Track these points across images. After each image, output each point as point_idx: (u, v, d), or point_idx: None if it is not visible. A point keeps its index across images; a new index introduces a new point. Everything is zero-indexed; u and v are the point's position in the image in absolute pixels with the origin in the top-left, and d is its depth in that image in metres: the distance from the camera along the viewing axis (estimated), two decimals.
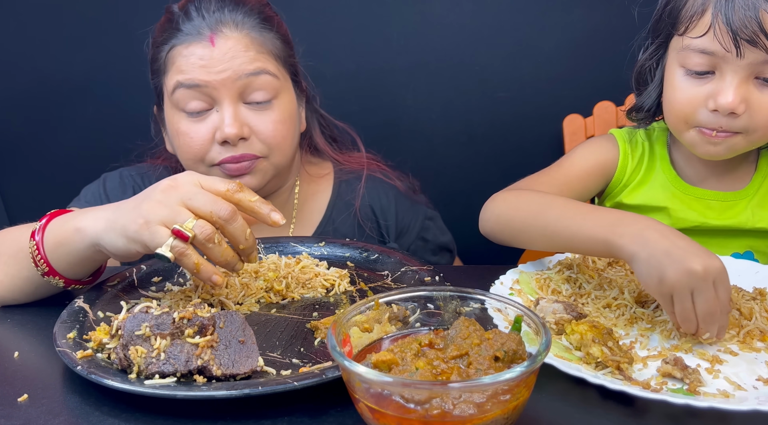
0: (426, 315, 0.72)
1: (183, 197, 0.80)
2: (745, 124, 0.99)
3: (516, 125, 1.72)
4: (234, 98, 1.09)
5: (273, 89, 1.12)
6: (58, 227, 0.88)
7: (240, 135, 1.08)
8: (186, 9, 1.12)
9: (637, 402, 0.69)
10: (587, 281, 0.94)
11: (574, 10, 1.64)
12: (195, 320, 0.71)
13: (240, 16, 1.11)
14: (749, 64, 0.95)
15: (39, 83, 1.71)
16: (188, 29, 1.10)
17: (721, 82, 0.97)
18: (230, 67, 1.08)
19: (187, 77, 1.08)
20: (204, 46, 1.08)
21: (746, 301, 0.87)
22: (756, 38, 0.92)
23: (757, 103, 0.97)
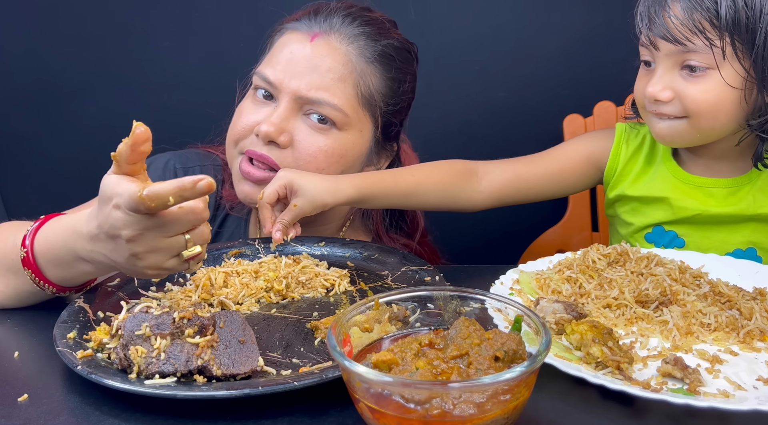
0: (426, 315, 0.72)
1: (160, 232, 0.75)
2: (675, 109, 1.05)
3: (516, 125, 1.72)
4: (292, 105, 1.07)
5: (336, 119, 1.07)
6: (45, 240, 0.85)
7: (272, 138, 1.05)
8: (318, 7, 1.12)
9: (637, 402, 0.69)
10: (587, 281, 0.94)
11: (574, 10, 1.64)
12: (195, 320, 0.71)
13: (356, 34, 1.09)
14: (667, 55, 1.03)
15: (39, 83, 1.71)
16: (304, 23, 1.11)
17: (652, 72, 1.07)
18: (300, 79, 1.06)
19: (266, 72, 1.08)
20: (303, 40, 1.08)
21: (746, 301, 0.87)
22: (661, 32, 1.02)
23: (682, 92, 1.04)
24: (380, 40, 1.11)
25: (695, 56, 1.01)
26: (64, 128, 1.75)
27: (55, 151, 1.77)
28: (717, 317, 0.84)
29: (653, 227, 1.17)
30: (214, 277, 0.93)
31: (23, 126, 1.76)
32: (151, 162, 1.22)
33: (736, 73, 1.01)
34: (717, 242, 1.12)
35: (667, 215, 1.15)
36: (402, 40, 1.16)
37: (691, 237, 1.14)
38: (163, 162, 1.22)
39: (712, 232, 1.14)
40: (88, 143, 1.75)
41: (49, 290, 0.88)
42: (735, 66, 1.00)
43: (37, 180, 1.80)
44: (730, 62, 1.00)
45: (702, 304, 0.87)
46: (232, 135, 1.12)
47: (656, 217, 1.16)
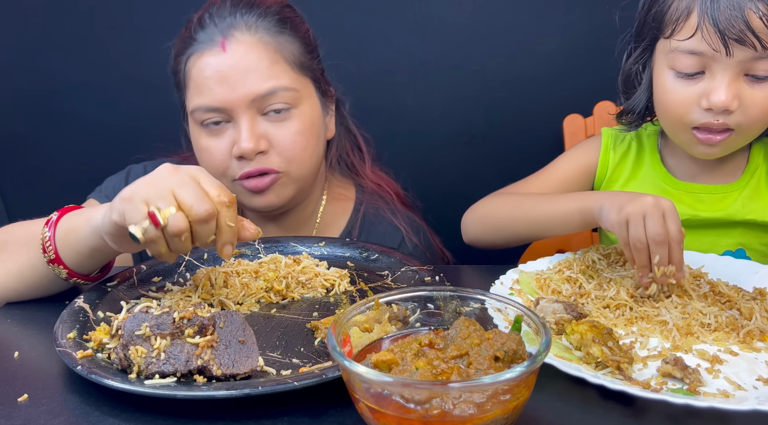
0: (426, 315, 0.72)
1: (173, 184, 0.79)
2: (739, 120, 1.00)
3: (516, 125, 1.72)
4: (250, 113, 1.08)
5: (291, 100, 1.10)
6: (71, 217, 0.90)
7: (256, 150, 1.08)
8: (201, 17, 1.12)
9: (637, 402, 0.69)
10: (587, 281, 0.94)
11: (574, 11, 1.64)
12: (195, 320, 0.71)
13: (253, 19, 1.10)
14: (738, 62, 0.96)
15: (39, 83, 1.71)
16: (202, 37, 1.09)
17: (713, 80, 0.99)
18: (244, 86, 1.06)
19: (204, 102, 1.08)
20: (215, 53, 1.07)
21: (746, 301, 0.88)
22: (743, 37, 0.94)
23: (749, 99, 0.99)
24: (267, 10, 1.12)
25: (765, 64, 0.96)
26: (64, 128, 1.75)
27: (55, 151, 1.77)
28: (717, 317, 0.84)
29: None
30: (214, 277, 0.93)
31: (23, 126, 1.76)
32: (129, 170, 1.25)
33: None
34: (707, 245, 1.12)
35: None
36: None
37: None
38: (141, 168, 1.25)
39: (701, 235, 1.14)
40: (88, 143, 1.75)
41: (61, 272, 0.89)
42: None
43: (37, 180, 1.80)
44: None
45: (702, 304, 0.87)
46: (215, 170, 1.12)
47: None
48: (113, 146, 1.73)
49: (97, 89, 1.72)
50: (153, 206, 0.77)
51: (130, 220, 0.78)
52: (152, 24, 1.66)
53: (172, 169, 0.81)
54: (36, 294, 0.95)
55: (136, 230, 0.77)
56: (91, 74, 1.71)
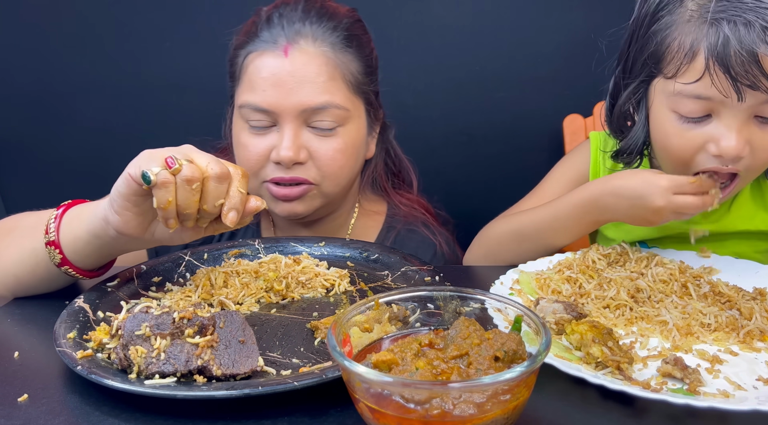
0: (426, 315, 0.72)
1: (191, 149, 0.83)
2: (748, 164, 0.95)
3: (516, 125, 1.72)
4: (297, 122, 1.08)
5: (340, 119, 1.10)
6: (82, 206, 0.91)
7: (295, 160, 1.08)
8: (270, 15, 1.11)
9: (637, 402, 0.69)
10: (587, 281, 0.94)
11: (574, 10, 1.64)
12: (195, 320, 0.71)
13: (321, 30, 1.10)
14: (749, 106, 0.91)
15: (39, 84, 1.72)
16: (266, 37, 1.09)
17: (721, 125, 0.92)
18: (297, 95, 1.07)
19: (254, 100, 1.08)
20: (276, 56, 1.07)
21: (746, 301, 0.88)
22: (757, 82, 0.88)
23: (759, 142, 0.93)
24: (338, 24, 1.12)
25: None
26: (64, 129, 1.75)
27: (56, 151, 1.77)
28: (717, 317, 0.84)
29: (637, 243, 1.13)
30: (214, 277, 0.93)
31: (23, 126, 1.76)
32: None
33: None
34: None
35: (650, 232, 1.11)
36: (347, 11, 1.16)
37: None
38: None
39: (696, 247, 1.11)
40: (88, 144, 1.75)
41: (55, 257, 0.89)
42: None
43: (37, 180, 1.81)
44: None
45: (702, 304, 0.87)
46: (248, 168, 1.11)
47: (639, 234, 1.12)
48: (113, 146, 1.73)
49: (97, 90, 1.72)
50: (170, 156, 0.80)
51: (145, 167, 0.79)
52: (153, 25, 1.66)
53: (190, 146, 0.84)
54: (33, 283, 0.94)
55: (151, 170, 0.78)
56: (92, 75, 1.71)
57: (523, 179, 1.27)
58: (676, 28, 0.95)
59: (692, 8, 0.94)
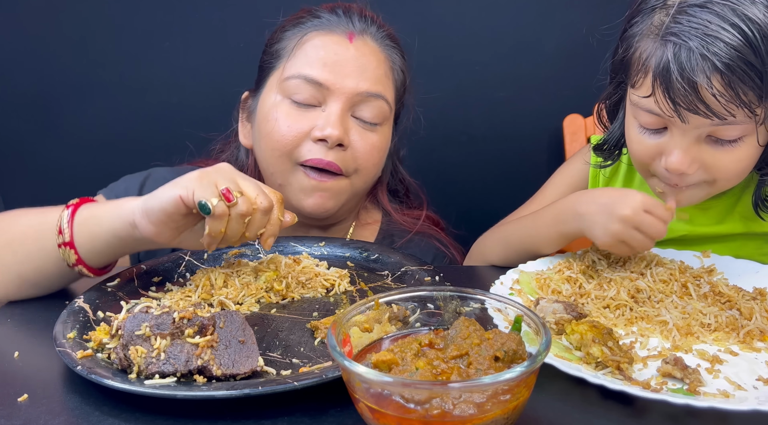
0: (426, 315, 0.72)
1: (238, 175, 0.85)
2: (702, 178, 0.95)
3: (516, 125, 1.72)
4: (346, 105, 1.08)
5: (383, 116, 1.12)
6: (93, 206, 0.90)
7: (341, 139, 1.07)
8: (332, 8, 1.13)
9: (637, 402, 0.69)
10: (587, 281, 0.94)
11: (574, 10, 1.64)
12: (195, 320, 0.71)
13: (380, 36, 1.13)
14: (696, 127, 0.90)
15: (39, 84, 1.71)
16: (329, 21, 1.10)
17: (671, 142, 0.93)
18: (354, 79, 1.07)
19: (310, 72, 1.07)
20: (340, 41, 1.09)
21: (746, 301, 0.87)
22: (696, 109, 0.87)
23: (710, 161, 0.93)
24: (393, 36, 1.16)
25: (730, 130, 0.89)
26: (64, 129, 1.75)
27: (56, 152, 1.77)
28: (717, 317, 0.84)
29: None
30: (214, 277, 0.93)
31: (23, 127, 1.76)
32: (150, 174, 1.23)
33: (766, 132, 0.93)
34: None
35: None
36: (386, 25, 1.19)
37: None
38: (162, 174, 1.23)
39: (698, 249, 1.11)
40: (88, 144, 1.75)
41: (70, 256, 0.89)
42: (767, 124, 0.92)
43: (37, 180, 1.80)
44: (765, 123, 0.91)
45: (702, 304, 0.87)
46: (282, 145, 1.09)
47: None
48: (113, 147, 1.73)
49: (97, 90, 1.72)
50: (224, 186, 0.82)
51: (201, 195, 0.81)
52: (152, 25, 1.66)
53: (228, 166, 0.87)
54: (39, 283, 0.93)
55: (210, 201, 0.81)
56: (91, 75, 1.71)
57: (523, 178, 1.28)
58: (640, 39, 0.95)
59: (656, 23, 0.93)
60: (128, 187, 1.20)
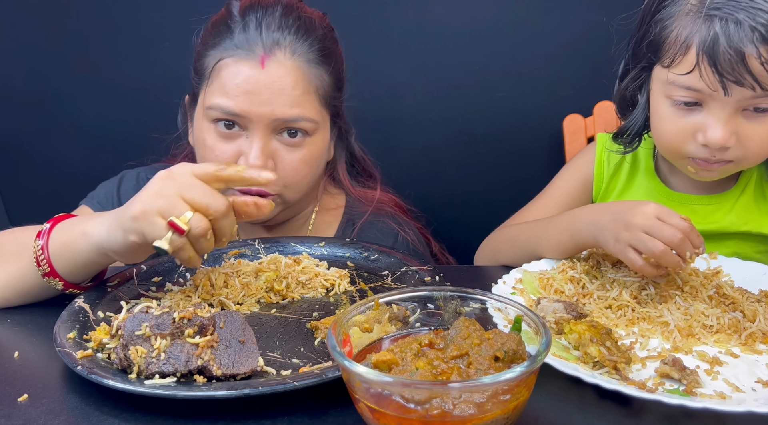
0: (426, 315, 0.72)
1: (179, 188, 0.79)
2: (737, 154, 0.99)
3: (516, 125, 1.72)
4: (267, 131, 1.07)
5: (309, 130, 1.10)
6: (64, 229, 0.88)
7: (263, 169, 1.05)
8: (246, 17, 1.09)
9: (635, 402, 0.69)
10: (590, 282, 0.94)
11: (574, 10, 1.64)
12: (195, 320, 0.71)
13: (299, 44, 1.08)
14: (737, 101, 0.94)
15: (39, 83, 1.71)
16: (241, 42, 1.07)
17: (710, 116, 0.96)
18: (270, 106, 1.05)
19: (228, 104, 1.05)
20: (252, 66, 1.05)
21: (750, 303, 0.87)
22: (742, 79, 0.91)
23: (746, 133, 0.97)
24: (315, 38, 1.10)
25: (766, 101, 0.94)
26: (64, 129, 1.75)
27: (56, 152, 1.77)
28: (719, 318, 0.84)
29: None
30: (214, 277, 0.93)
31: (23, 127, 1.76)
32: (123, 176, 1.24)
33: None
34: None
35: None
36: (321, 22, 1.14)
37: None
38: (134, 175, 1.24)
39: None
40: (89, 144, 1.75)
41: (57, 284, 0.89)
42: None
43: (37, 180, 1.80)
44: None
45: (704, 306, 0.87)
46: None
47: None
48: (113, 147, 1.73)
49: (97, 90, 1.72)
50: (169, 216, 0.78)
51: (152, 236, 0.78)
52: (153, 25, 1.66)
53: (167, 174, 0.81)
54: (25, 302, 0.94)
55: (163, 244, 0.77)
56: (91, 75, 1.71)
57: (523, 178, 1.28)
58: (675, 19, 0.98)
59: (692, 2, 0.97)
60: (107, 192, 1.21)
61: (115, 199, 1.20)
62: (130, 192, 1.19)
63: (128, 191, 1.20)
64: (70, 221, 0.90)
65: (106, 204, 1.18)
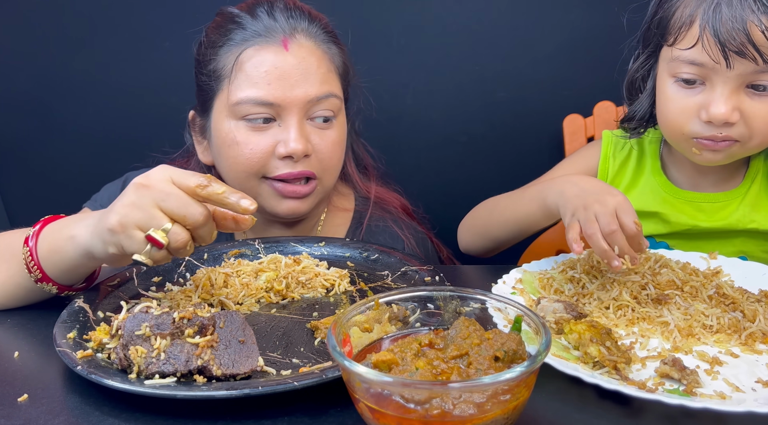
0: (426, 315, 0.72)
1: (156, 198, 0.76)
2: (741, 132, 0.99)
3: (516, 125, 1.72)
4: (300, 115, 1.08)
5: (336, 109, 1.11)
6: (51, 234, 0.87)
7: (305, 152, 1.07)
8: (252, 10, 1.10)
9: (635, 402, 0.69)
10: (590, 282, 0.94)
11: (574, 10, 1.64)
12: (195, 320, 0.71)
13: (311, 27, 1.10)
14: (739, 75, 0.95)
15: (39, 83, 1.71)
16: (259, 29, 1.07)
17: (712, 92, 0.97)
18: (303, 86, 1.06)
19: (258, 95, 1.05)
20: (276, 52, 1.06)
21: (750, 303, 0.87)
22: (744, 49, 0.92)
23: (750, 111, 0.97)
24: (319, 21, 1.13)
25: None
26: (64, 129, 1.75)
27: (56, 152, 1.77)
28: (719, 318, 0.84)
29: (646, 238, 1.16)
30: (214, 277, 0.93)
31: (23, 127, 1.76)
32: (127, 178, 1.23)
33: None
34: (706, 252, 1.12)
35: (659, 228, 1.15)
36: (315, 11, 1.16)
37: (682, 248, 1.14)
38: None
39: (702, 244, 1.14)
40: (89, 144, 1.75)
41: (51, 289, 0.89)
42: None
43: (37, 180, 1.80)
44: None
45: (704, 306, 0.87)
46: (249, 167, 1.08)
47: (648, 229, 1.15)
48: (113, 147, 1.73)
49: (97, 90, 1.72)
50: (147, 229, 0.76)
51: (130, 250, 0.78)
52: (153, 25, 1.66)
53: (143, 181, 0.78)
54: (23, 305, 0.94)
55: (142, 258, 0.77)
56: (91, 75, 1.71)
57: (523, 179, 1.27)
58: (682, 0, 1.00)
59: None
60: (111, 195, 1.20)
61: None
62: None
63: None
64: (58, 224, 0.88)
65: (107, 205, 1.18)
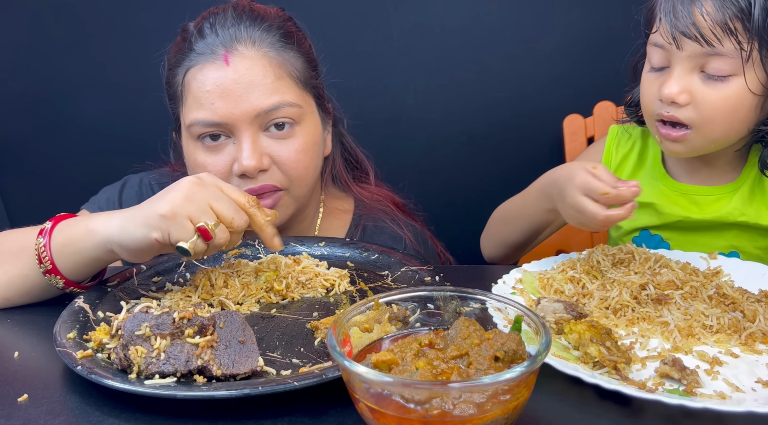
0: (426, 315, 0.72)
1: (210, 197, 0.83)
2: (691, 116, 1.02)
3: (516, 125, 1.72)
4: (252, 129, 1.05)
5: (295, 116, 1.08)
6: (67, 227, 0.89)
7: (259, 167, 1.05)
8: (200, 27, 1.08)
9: (635, 402, 0.69)
10: (591, 282, 0.94)
11: (574, 10, 1.64)
12: (195, 320, 0.71)
13: (258, 32, 1.06)
14: (689, 57, 1.00)
15: (39, 83, 1.72)
16: (201, 48, 1.06)
17: (669, 74, 1.02)
18: (247, 100, 1.03)
19: (204, 116, 1.04)
20: (218, 67, 1.04)
21: (750, 303, 0.87)
22: (687, 31, 0.97)
23: (699, 95, 1.01)
24: (272, 24, 1.09)
25: (718, 62, 0.98)
26: (64, 129, 1.75)
27: (56, 152, 1.77)
28: (719, 319, 0.84)
29: (640, 230, 1.18)
30: (214, 277, 0.93)
31: (24, 127, 1.76)
32: (126, 181, 1.23)
33: (758, 80, 1.00)
34: (700, 247, 1.13)
35: (653, 219, 1.17)
36: (276, 10, 1.14)
37: (676, 241, 1.16)
38: (137, 180, 1.23)
39: (695, 236, 1.15)
40: (89, 145, 1.75)
41: (58, 282, 0.89)
42: (758, 72, 0.99)
43: (37, 180, 1.81)
44: (754, 68, 0.99)
45: (704, 306, 0.87)
46: None
47: (643, 221, 1.17)
48: (113, 148, 1.73)
49: (97, 90, 1.72)
50: (197, 222, 0.82)
51: (178, 237, 0.81)
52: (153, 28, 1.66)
53: (197, 181, 0.84)
54: (26, 302, 0.94)
55: (187, 246, 0.81)
56: (91, 75, 1.71)
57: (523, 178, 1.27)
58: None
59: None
60: (109, 198, 1.20)
61: (116, 204, 1.19)
62: (132, 197, 1.19)
63: (130, 197, 1.20)
64: (73, 220, 0.91)
65: (107, 209, 1.18)
